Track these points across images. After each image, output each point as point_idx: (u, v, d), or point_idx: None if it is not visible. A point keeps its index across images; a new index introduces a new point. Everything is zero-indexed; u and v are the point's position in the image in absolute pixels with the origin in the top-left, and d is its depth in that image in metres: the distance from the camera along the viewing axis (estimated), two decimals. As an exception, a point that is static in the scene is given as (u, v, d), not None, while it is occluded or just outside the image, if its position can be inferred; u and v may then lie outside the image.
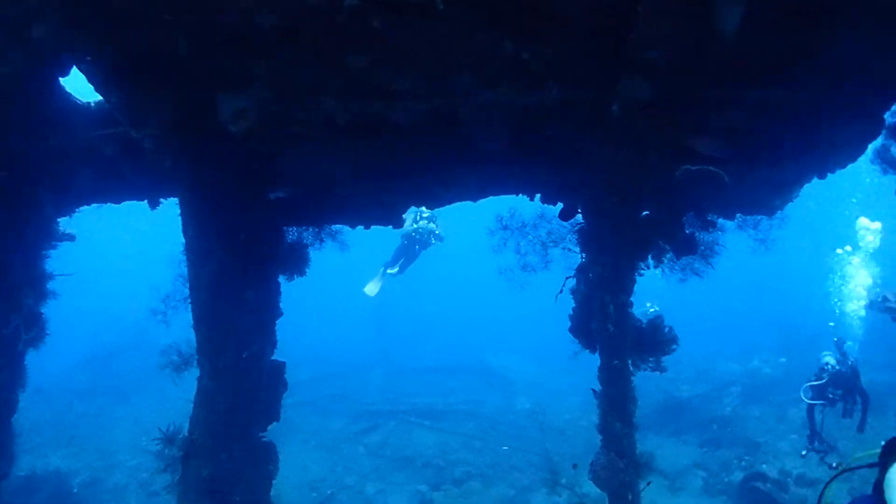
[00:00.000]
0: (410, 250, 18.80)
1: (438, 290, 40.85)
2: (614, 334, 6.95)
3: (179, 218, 7.26)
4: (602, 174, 6.66)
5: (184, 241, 7.33)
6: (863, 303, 17.71)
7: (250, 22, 5.03)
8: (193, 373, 7.92)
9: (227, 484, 8.07)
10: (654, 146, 6.12)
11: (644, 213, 7.18)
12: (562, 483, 9.66)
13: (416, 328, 31.22)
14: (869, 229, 20.24)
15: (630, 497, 6.95)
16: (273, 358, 8.84)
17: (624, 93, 5.66)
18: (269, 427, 8.86)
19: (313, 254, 9.07)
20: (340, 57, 5.46)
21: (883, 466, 4.28)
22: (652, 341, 7.29)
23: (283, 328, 8.80)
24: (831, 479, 5.08)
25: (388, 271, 19.80)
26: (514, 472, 14.75)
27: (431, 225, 18.05)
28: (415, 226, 17.99)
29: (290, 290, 8.88)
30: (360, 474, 16.20)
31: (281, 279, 8.67)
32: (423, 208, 16.20)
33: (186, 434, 7.80)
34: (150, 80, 5.76)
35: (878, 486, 4.31)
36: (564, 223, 7.69)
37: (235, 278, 7.62)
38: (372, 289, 20.37)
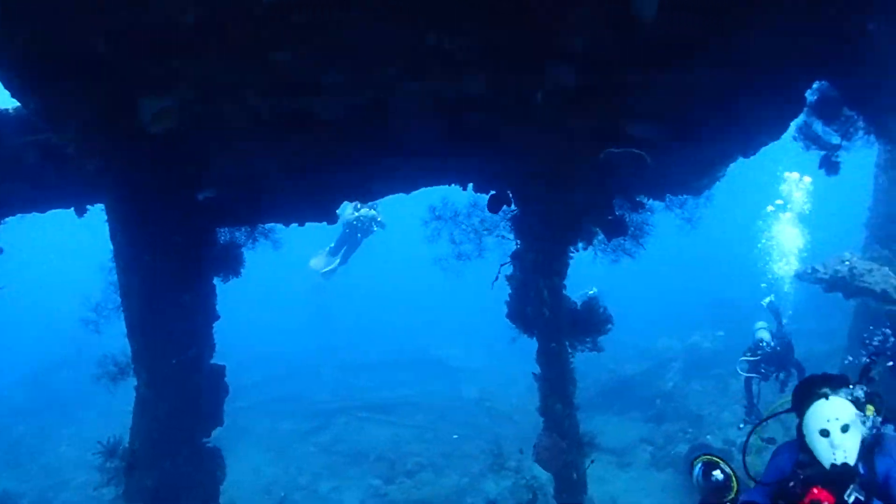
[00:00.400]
0: (352, 238, 18.67)
1: (380, 285, 40.68)
2: (550, 318, 7.08)
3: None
4: (530, 161, 6.73)
5: (112, 247, 7.18)
6: (793, 259, 18.12)
7: (169, 20, 4.93)
8: (134, 382, 7.81)
9: (172, 492, 7.98)
10: (582, 132, 6.21)
11: (573, 197, 7.29)
12: (508, 467, 9.79)
13: (362, 324, 31.08)
14: (797, 185, 20.28)
15: (575, 476, 7.11)
16: (214, 362, 8.74)
17: (548, 81, 5.73)
18: (217, 432, 8.78)
19: (251, 255, 8.98)
20: (263, 52, 5.40)
21: (798, 410, 4.51)
22: (587, 322, 7.44)
23: (230, 332, 8.69)
24: (753, 430, 5.22)
25: (325, 270, 19.64)
26: (466, 459, 14.83)
27: (372, 212, 17.93)
28: (356, 214, 17.86)
29: (236, 293, 8.77)
30: (313, 473, 16.14)
31: (217, 281, 8.57)
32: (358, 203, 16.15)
33: (127, 445, 7.69)
34: (67, 84, 5.61)
35: (799, 430, 4.53)
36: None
37: (168, 283, 7.51)
38: (317, 263, 20.10)
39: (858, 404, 4.47)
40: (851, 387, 4.55)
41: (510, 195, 7.46)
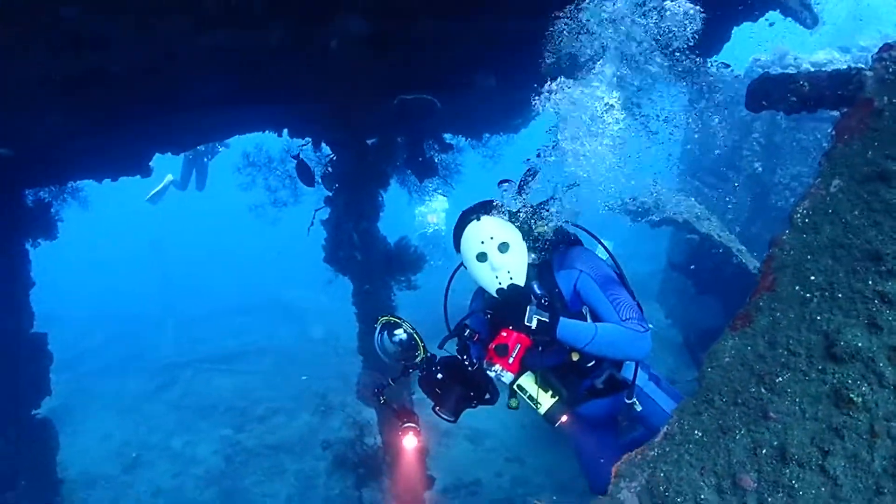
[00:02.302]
0: (199, 163, 17.56)
1: (216, 230, 39.59)
2: (362, 261, 7.25)
3: None
4: (334, 108, 6.79)
5: None
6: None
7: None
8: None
9: (8, 468, 7.75)
10: (379, 78, 6.34)
11: (380, 141, 7.46)
12: (333, 405, 9.95)
13: (201, 271, 30.29)
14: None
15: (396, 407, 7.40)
16: (35, 331, 8.40)
17: (341, 29, 5.80)
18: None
19: (83, 216, 8.65)
20: (52, 7, 5.17)
21: (457, 245, 4.05)
22: (400, 262, 7.64)
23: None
24: (448, 283, 4.40)
25: (151, 194, 18.02)
26: (316, 399, 14.95)
27: None
28: None
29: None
30: (164, 431, 15.82)
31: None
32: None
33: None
34: None
35: None
36: (311, 156, 7.78)
37: (-28, 250, 7.15)
38: (154, 197, 18.45)
39: (522, 224, 4.03)
40: (506, 206, 4.05)
41: (320, 166, 7.51)
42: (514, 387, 3.86)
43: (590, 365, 3.98)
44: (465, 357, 3.88)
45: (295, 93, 6.61)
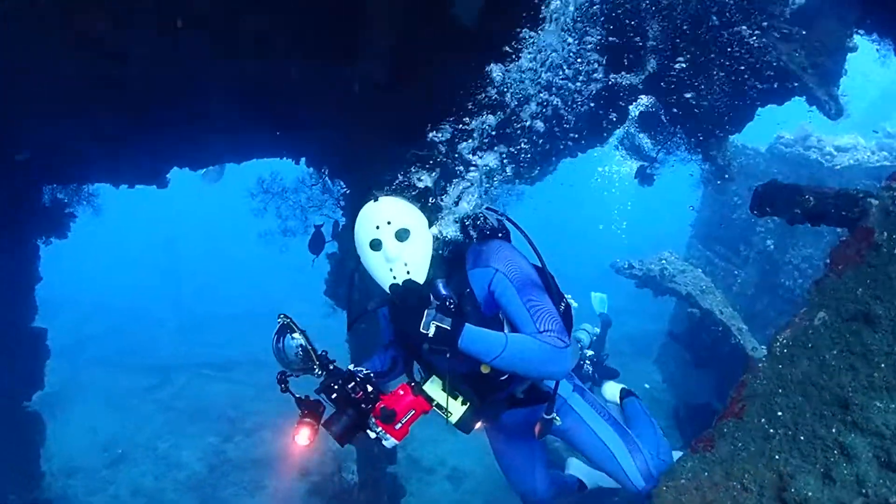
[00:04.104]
0: None
1: (233, 235, 39.88)
2: (357, 301, 7.22)
3: None
4: (349, 145, 6.84)
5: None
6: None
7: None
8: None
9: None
10: (396, 125, 6.38)
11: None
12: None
13: (211, 274, 30.32)
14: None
15: (376, 450, 7.34)
16: (35, 325, 8.49)
17: (361, 74, 5.86)
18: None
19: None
20: (76, 22, 5.28)
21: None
22: (402, 308, 7.60)
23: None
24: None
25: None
26: (305, 421, 14.93)
27: None
28: None
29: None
30: (152, 431, 15.82)
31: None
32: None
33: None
34: None
35: None
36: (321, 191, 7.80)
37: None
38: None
39: (433, 209, 3.45)
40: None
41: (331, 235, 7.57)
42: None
43: (503, 378, 3.52)
44: (359, 395, 3.38)
45: (311, 127, 6.68)
